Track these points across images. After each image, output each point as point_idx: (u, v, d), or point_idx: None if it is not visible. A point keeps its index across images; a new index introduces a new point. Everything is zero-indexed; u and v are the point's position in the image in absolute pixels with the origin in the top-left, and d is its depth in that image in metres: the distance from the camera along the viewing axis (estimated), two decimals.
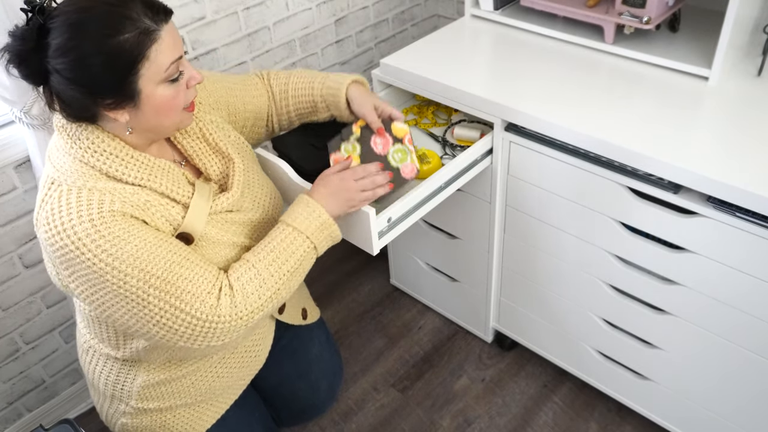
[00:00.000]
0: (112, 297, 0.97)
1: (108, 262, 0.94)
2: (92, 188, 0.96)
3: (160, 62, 0.94)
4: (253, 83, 1.33)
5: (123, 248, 0.95)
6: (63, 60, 0.89)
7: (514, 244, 1.61)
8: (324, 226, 1.12)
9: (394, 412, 1.77)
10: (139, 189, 1.00)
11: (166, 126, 1.02)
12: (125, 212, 0.97)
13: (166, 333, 1.00)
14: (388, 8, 2.12)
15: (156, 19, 0.93)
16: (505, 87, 1.45)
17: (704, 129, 1.27)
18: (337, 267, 2.24)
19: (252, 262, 1.07)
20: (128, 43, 0.90)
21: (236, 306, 1.02)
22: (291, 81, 1.34)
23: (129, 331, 1.02)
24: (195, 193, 1.07)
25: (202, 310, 1.00)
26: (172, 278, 0.98)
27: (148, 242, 0.97)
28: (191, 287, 0.99)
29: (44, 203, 0.97)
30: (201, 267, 1.02)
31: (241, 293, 1.03)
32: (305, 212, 1.11)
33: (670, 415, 1.54)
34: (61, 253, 0.95)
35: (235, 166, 1.14)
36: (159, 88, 0.96)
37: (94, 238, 0.93)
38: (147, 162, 1.02)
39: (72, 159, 0.98)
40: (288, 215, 1.12)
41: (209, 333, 1.01)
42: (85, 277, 0.96)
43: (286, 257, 1.08)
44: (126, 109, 0.96)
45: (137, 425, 1.24)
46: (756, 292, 1.20)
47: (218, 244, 1.09)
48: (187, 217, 1.04)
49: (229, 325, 1.02)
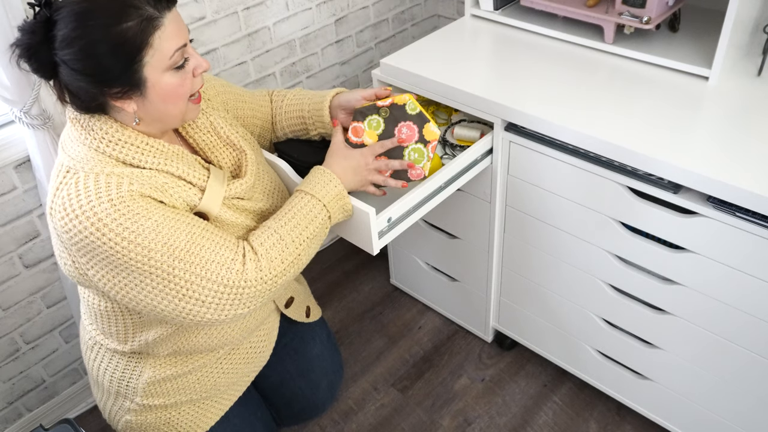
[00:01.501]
0: (136, 276, 0.97)
1: (131, 240, 0.94)
2: (110, 173, 0.97)
3: (164, 49, 0.95)
4: (261, 95, 1.37)
5: (144, 224, 0.95)
6: (69, 51, 0.91)
7: (514, 244, 1.61)
8: (339, 196, 1.15)
9: (394, 411, 1.77)
10: (156, 173, 1.01)
11: (173, 115, 1.03)
12: (143, 192, 0.97)
13: (193, 306, 1.00)
14: (388, 8, 2.12)
15: (158, 6, 0.94)
16: (505, 87, 1.45)
17: (704, 129, 1.27)
18: (337, 267, 2.24)
19: (274, 228, 1.09)
20: (131, 31, 0.91)
21: (261, 270, 1.04)
22: (287, 99, 1.37)
23: (153, 312, 1.01)
24: (210, 176, 1.08)
25: (229, 276, 1.01)
26: (195, 249, 0.99)
27: (168, 217, 0.98)
28: (216, 256, 1.00)
29: (59, 191, 0.97)
30: (222, 237, 1.04)
31: (266, 257, 1.05)
32: (322, 181, 1.14)
33: (669, 415, 1.54)
34: (79, 238, 0.94)
35: (247, 157, 1.17)
36: (165, 75, 0.97)
37: (115, 218, 0.93)
38: (162, 148, 1.03)
39: (87, 148, 0.99)
40: (305, 184, 1.15)
41: (236, 299, 1.02)
42: (105, 261, 0.96)
43: (306, 224, 1.11)
44: (133, 99, 0.97)
45: (141, 422, 1.24)
46: (756, 292, 1.20)
47: (232, 227, 1.11)
48: (204, 198, 1.06)
49: (256, 289, 1.04)
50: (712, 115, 1.31)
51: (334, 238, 2.33)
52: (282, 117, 1.37)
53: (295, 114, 1.35)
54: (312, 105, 1.33)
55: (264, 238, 1.07)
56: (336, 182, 1.15)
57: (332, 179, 1.15)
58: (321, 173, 1.16)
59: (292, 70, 1.92)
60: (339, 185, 1.15)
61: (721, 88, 1.38)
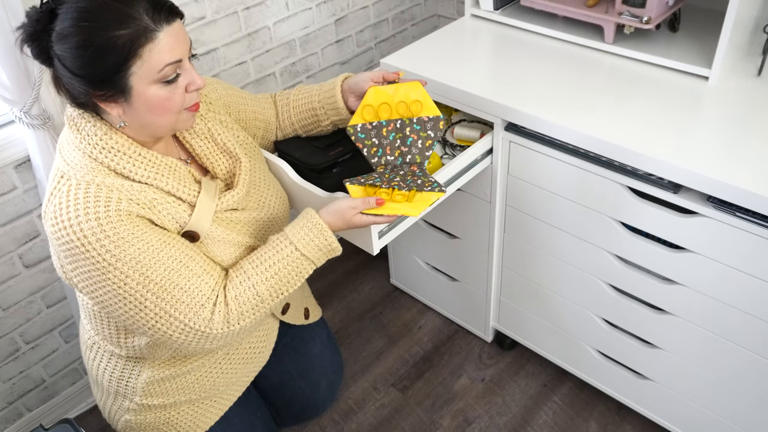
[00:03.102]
0: (112, 296, 0.99)
1: (111, 262, 0.96)
2: (100, 184, 0.97)
3: (154, 62, 0.94)
4: (264, 97, 1.37)
5: (126, 250, 0.96)
6: (61, 46, 0.92)
7: (514, 244, 1.61)
8: (328, 250, 1.11)
9: (394, 411, 1.77)
10: (146, 187, 1.01)
11: (159, 125, 1.02)
12: (131, 211, 0.98)
13: (162, 335, 1.03)
14: (388, 8, 2.12)
15: (157, 19, 0.93)
16: (505, 87, 1.45)
17: (704, 129, 1.27)
18: (337, 267, 2.24)
19: (253, 282, 1.07)
20: (121, 39, 0.91)
21: (229, 322, 1.05)
22: (293, 95, 1.37)
23: (129, 328, 1.04)
24: (201, 191, 1.08)
25: (195, 320, 1.03)
26: (169, 287, 1.00)
27: (151, 246, 0.99)
28: (187, 298, 1.02)
29: (53, 196, 0.98)
30: (199, 276, 1.04)
31: (237, 311, 1.06)
32: (311, 234, 1.09)
33: (669, 415, 1.54)
34: (66, 247, 0.96)
35: (242, 166, 1.16)
36: (152, 87, 0.96)
37: (99, 237, 0.95)
38: (154, 160, 1.03)
39: (81, 154, 1.00)
40: (293, 231, 1.10)
41: (201, 340, 1.05)
42: (87, 273, 0.98)
43: (287, 279, 1.09)
44: (118, 103, 0.97)
45: (141, 422, 1.24)
46: (756, 292, 1.20)
47: (223, 243, 1.10)
48: (193, 215, 1.06)
49: (221, 334, 1.06)
50: (712, 115, 1.31)
51: None
52: (290, 113, 1.36)
53: (304, 107, 1.35)
54: (322, 94, 1.32)
55: (240, 291, 1.06)
56: (326, 234, 1.09)
57: (322, 230, 1.09)
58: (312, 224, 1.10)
59: (292, 70, 1.92)
60: (329, 237, 1.09)
61: (721, 88, 1.38)
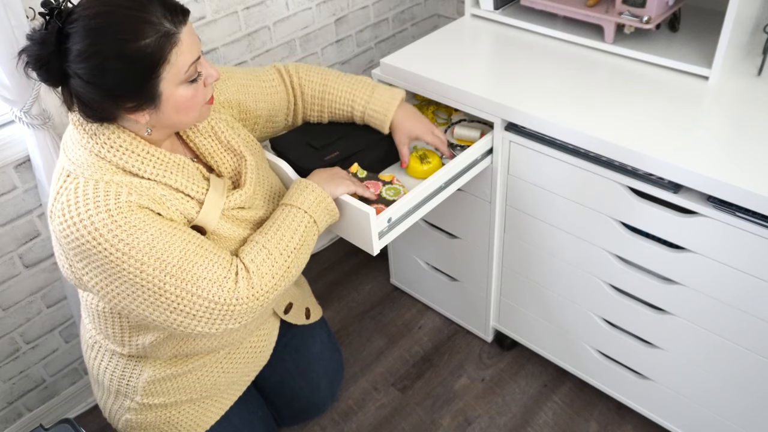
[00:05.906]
0: (128, 287, 0.97)
1: (125, 252, 0.95)
2: (109, 181, 0.97)
3: (181, 64, 0.94)
4: (269, 79, 1.33)
5: (139, 237, 0.95)
6: (84, 65, 0.89)
7: (514, 244, 1.61)
8: (319, 199, 1.16)
9: (394, 411, 1.77)
10: (155, 184, 1.02)
11: (186, 123, 1.05)
12: (141, 204, 0.98)
13: (184, 319, 1.01)
14: (388, 8, 2.12)
15: (175, 21, 0.93)
16: (505, 87, 1.45)
17: (704, 129, 1.27)
18: (337, 267, 2.24)
19: (262, 243, 1.09)
20: (149, 48, 0.90)
21: (253, 287, 1.05)
22: (328, 90, 1.36)
23: (145, 321, 1.03)
24: (210, 188, 1.08)
25: (221, 294, 1.01)
26: (188, 266, 0.99)
27: (164, 231, 0.98)
28: (208, 273, 1.01)
29: (59, 195, 0.97)
30: (215, 253, 1.04)
31: (257, 274, 1.06)
32: (299, 189, 1.16)
33: (670, 415, 1.54)
34: (76, 244, 0.95)
35: (247, 164, 1.16)
36: (179, 89, 0.97)
37: (111, 228, 0.94)
38: (163, 158, 1.03)
39: (88, 153, 0.99)
40: (286, 197, 1.17)
41: (227, 316, 1.03)
42: (100, 269, 0.96)
43: (291, 234, 1.11)
44: (147, 111, 0.97)
45: (141, 421, 1.24)
46: (756, 292, 1.20)
47: (228, 240, 1.11)
48: (201, 211, 1.06)
49: (247, 306, 1.04)
50: (712, 114, 1.31)
51: (333, 239, 2.33)
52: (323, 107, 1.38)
53: (343, 111, 1.38)
54: (368, 115, 1.35)
55: (254, 255, 1.08)
56: (313, 187, 1.16)
57: (308, 185, 1.17)
58: (298, 183, 1.18)
59: None
60: (316, 189, 1.16)
61: (721, 87, 1.38)
